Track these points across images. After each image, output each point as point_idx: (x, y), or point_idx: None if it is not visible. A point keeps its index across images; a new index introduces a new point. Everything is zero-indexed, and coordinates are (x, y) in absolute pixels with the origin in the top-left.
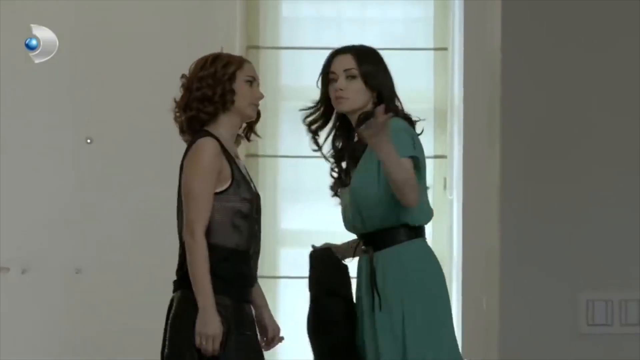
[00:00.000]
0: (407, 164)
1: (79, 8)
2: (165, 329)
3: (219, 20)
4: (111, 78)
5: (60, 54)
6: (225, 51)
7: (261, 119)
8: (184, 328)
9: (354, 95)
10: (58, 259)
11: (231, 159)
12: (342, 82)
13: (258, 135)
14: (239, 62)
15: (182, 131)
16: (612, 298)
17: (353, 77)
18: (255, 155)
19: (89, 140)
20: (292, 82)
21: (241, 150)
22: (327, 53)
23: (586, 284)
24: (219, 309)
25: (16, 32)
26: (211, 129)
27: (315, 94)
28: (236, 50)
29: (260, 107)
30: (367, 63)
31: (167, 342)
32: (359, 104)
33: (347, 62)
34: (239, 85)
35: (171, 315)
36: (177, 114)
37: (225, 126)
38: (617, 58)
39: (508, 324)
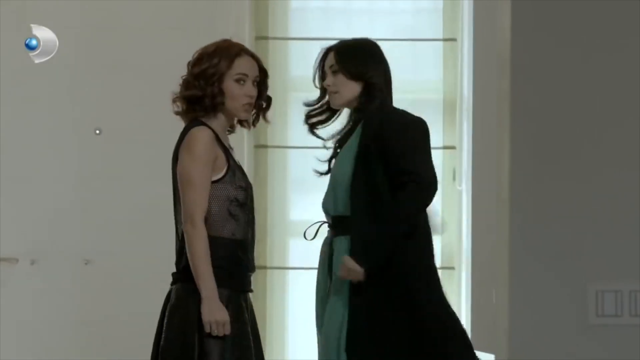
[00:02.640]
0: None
1: None
2: (161, 321)
3: (228, 11)
4: (120, 69)
5: (68, 46)
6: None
7: (270, 110)
8: (181, 320)
9: (341, 89)
10: (67, 250)
11: (225, 148)
12: (329, 78)
13: (267, 121)
14: (230, 59)
15: (177, 113)
16: (621, 289)
17: (335, 72)
18: (264, 146)
19: (97, 132)
20: (301, 72)
21: (249, 142)
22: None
23: (596, 275)
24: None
25: (19, 25)
26: (204, 119)
27: None
28: (245, 41)
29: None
30: (346, 56)
31: (163, 334)
32: (347, 97)
33: (330, 59)
34: (228, 85)
35: (169, 306)
36: (178, 102)
37: (217, 119)
38: (633, 51)
39: (518, 315)
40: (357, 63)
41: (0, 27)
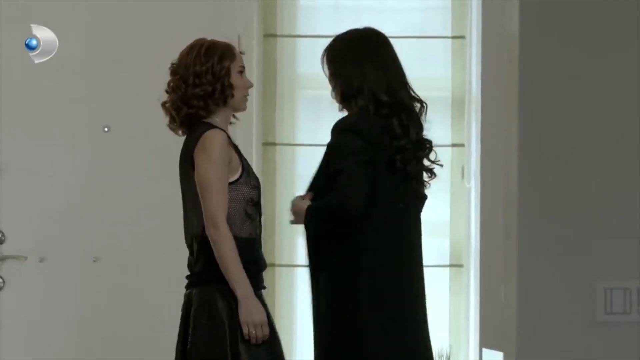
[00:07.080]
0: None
1: None
2: (185, 325)
3: (236, 8)
4: (128, 67)
5: (77, 43)
6: (243, 40)
7: (278, 108)
8: (209, 323)
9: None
10: (75, 247)
11: (236, 148)
12: None
13: (236, 118)
14: (231, 54)
15: (173, 121)
16: (630, 286)
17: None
18: (273, 144)
19: (106, 129)
20: (310, 70)
21: (257, 139)
22: None
23: (604, 272)
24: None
25: (25, 24)
26: (210, 121)
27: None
28: (254, 39)
29: (277, 96)
30: (329, 59)
31: (189, 338)
32: (335, 97)
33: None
34: (235, 78)
35: (193, 311)
36: (172, 106)
37: (220, 117)
38: None
39: (526, 312)
40: (335, 67)
41: (4, 27)
